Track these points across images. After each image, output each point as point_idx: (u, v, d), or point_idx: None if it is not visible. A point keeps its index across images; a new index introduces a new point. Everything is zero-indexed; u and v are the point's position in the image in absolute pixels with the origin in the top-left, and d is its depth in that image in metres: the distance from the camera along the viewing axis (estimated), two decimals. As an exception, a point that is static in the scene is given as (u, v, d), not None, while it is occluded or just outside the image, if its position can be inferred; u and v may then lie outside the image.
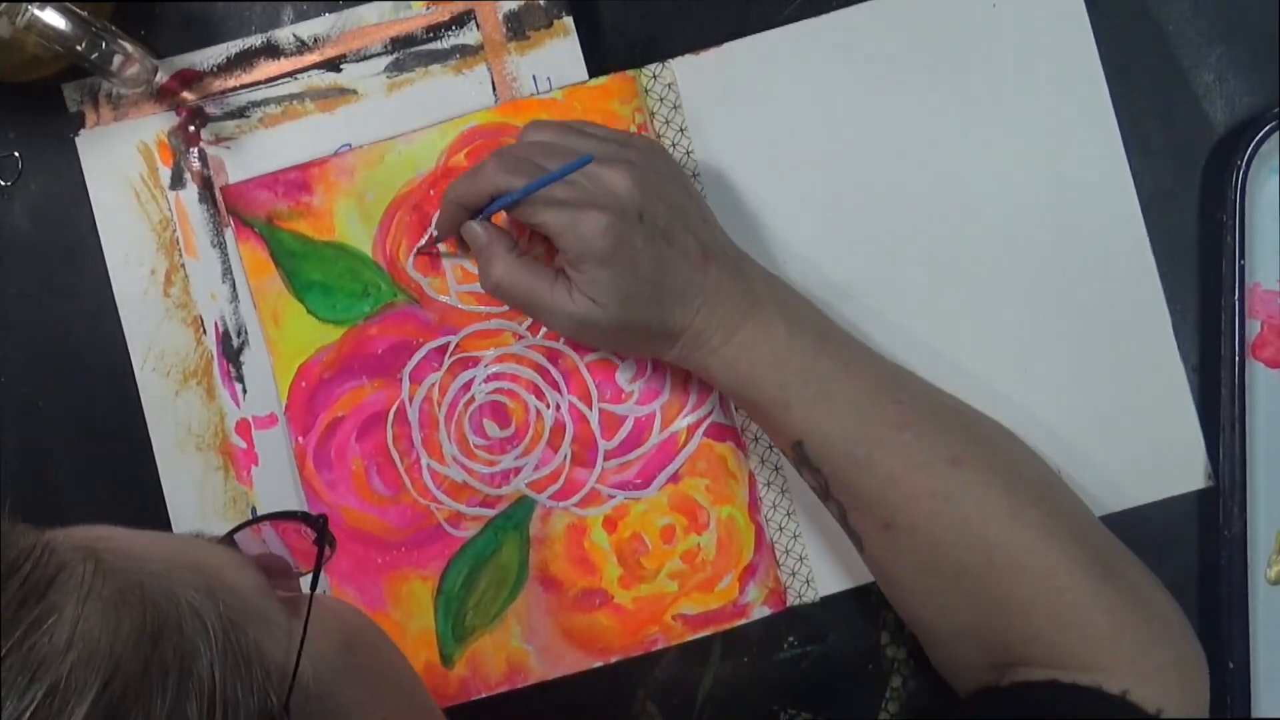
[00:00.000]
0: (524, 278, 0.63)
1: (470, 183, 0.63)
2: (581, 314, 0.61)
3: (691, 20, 0.71)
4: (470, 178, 0.63)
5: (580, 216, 0.59)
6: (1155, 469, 0.70)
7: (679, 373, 0.69)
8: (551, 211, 0.60)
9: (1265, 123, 0.68)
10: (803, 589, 0.69)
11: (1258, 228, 0.69)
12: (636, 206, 0.60)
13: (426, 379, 0.68)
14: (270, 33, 0.70)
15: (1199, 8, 0.71)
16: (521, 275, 0.63)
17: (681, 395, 0.69)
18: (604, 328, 0.62)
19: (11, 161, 0.70)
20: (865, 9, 0.71)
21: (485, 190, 0.62)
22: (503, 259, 0.63)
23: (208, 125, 0.70)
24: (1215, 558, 0.69)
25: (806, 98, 0.70)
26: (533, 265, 0.63)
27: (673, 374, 0.69)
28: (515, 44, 0.70)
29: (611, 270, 0.60)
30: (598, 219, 0.59)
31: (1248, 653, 0.68)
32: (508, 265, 0.63)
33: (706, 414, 0.69)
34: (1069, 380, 0.70)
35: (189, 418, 0.69)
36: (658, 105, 0.70)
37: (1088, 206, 0.70)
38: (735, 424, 0.69)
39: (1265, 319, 0.69)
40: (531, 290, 0.62)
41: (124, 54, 0.63)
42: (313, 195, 0.69)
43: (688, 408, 0.69)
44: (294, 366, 0.68)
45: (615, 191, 0.60)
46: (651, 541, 0.68)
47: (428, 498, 0.68)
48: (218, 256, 0.69)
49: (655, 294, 0.61)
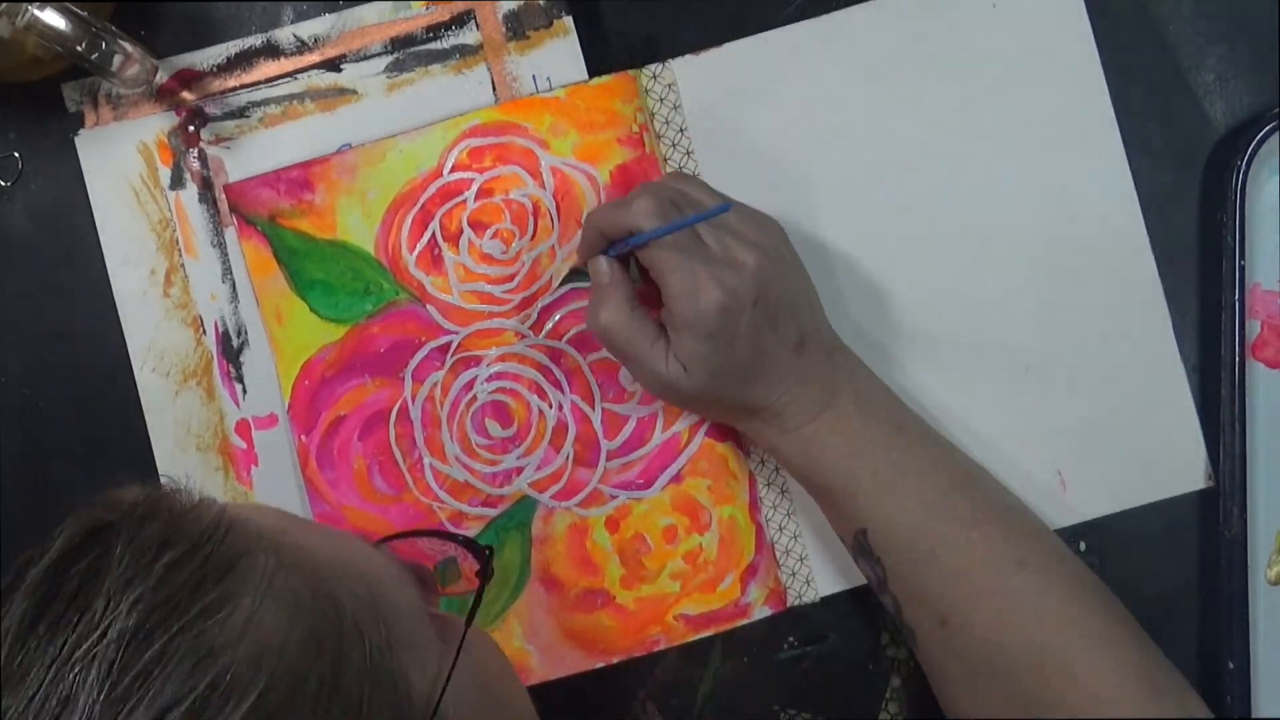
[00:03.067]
0: (630, 331, 0.63)
1: (615, 214, 0.63)
2: (670, 378, 0.62)
3: (691, 20, 0.71)
4: (616, 209, 0.63)
5: (701, 288, 0.60)
6: (1155, 469, 0.70)
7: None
8: (677, 274, 0.60)
9: (1265, 123, 0.68)
10: (803, 589, 0.69)
11: (1258, 228, 0.69)
12: (753, 292, 0.60)
13: (429, 378, 0.68)
14: (270, 33, 0.70)
15: (1199, 8, 0.71)
16: (629, 328, 0.63)
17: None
18: (686, 394, 0.62)
19: (11, 161, 0.70)
20: (865, 9, 0.71)
21: (628, 225, 0.62)
22: (618, 306, 0.63)
23: (207, 125, 0.70)
24: (1215, 558, 0.69)
25: (806, 98, 0.70)
26: (641, 320, 0.63)
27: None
28: (515, 44, 0.70)
29: (710, 345, 0.60)
30: (716, 297, 0.60)
31: (1248, 653, 0.68)
32: (620, 313, 0.63)
33: (708, 414, 0.69)
34: (1069, 380, 0.70)
35: (189, 418, 0.69)
36: (658, 105, 0.70)
37: (1088, 206, 0.70)
38: (736, 424, 0.69)
39: (1265, 319, 0.70)
40: (632, 343, 0.62)
41: (124, 54, 0.63)
42: (315, 193, 0.69)
43: (689, 407, 0.69)
44: (297, 365, 0.68)
45: (739, 271, 0.61)
46: (653, 541, 0.68)
47: (430, 497, 0.68)
48: (217, 257, 0.69)
49: (744, 374, 0.62)
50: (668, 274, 0.61)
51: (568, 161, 0.69)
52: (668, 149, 0.70)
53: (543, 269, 0.69)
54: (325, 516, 0.68)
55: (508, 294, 0.69)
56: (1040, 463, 0.69)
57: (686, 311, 0.60)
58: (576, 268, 0.68)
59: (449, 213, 0.69)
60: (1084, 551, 0.69)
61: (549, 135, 0.69)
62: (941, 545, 0.61)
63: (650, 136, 0.69)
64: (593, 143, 0.69)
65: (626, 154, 0.69)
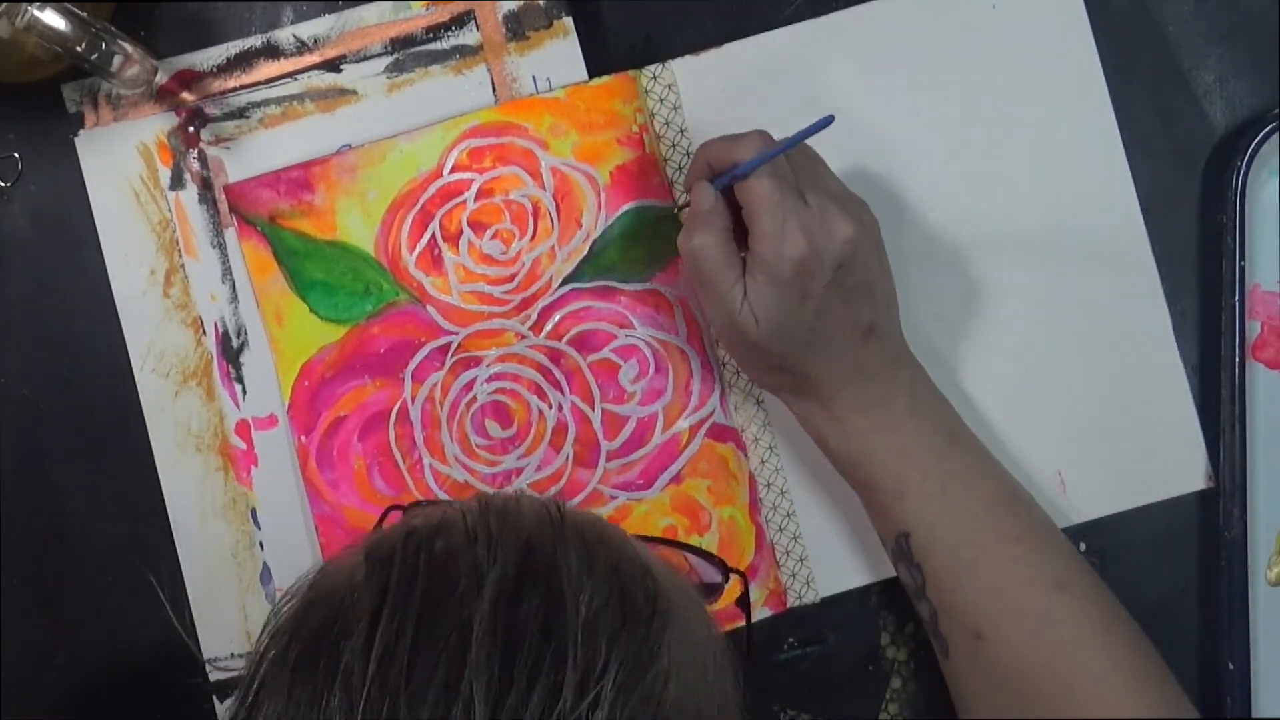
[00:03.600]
0: (719, 259, 0.61)
1: (725, 146, 0.62)
2: (740, 320, 0.61)
3: (691, 20, 0.71)
4: (728, 141, 0.62)
5: (789, 234, 0.59)
6: (1155, 470, 0.70)
7: (681, 374, 0.69)
8: (769, 214, 0.60)
9: (1265, 123, 0.68)
10: (803, 590, 0.69)
11: (1258, 228, 0.69)
12: (838, 258, 0.60)
13: (429, 378, 0.68)
14: (270, 33, 0.70)
15: (1199, 8, 0.71)
16: (719, 256, 0.61)
17: (683, 396, 0.69)
18: (747, 340, 0.62)
19: (11, 162, 0.70)
20: (865, 9, 0.71)
21: (736, 155, 0.61)
22: (714, 231, 0.62)
23: (207, 126, 0.70)
24: (1215, 559, 0.69)
25: (806, 98, 0.70)
26: (732, 254, 0.62)
27: (675, 375, 0.69)
28: (515, 44, 0.70)
29: (780, 294, 0.60)
30: (800, 247, 0.59)
31: (1248, 653, 0.68)
32: (715, 239, 0.61)
33: (708, 415, 0.69)
34: (1069, 380, 0.70)
35: (189, 419, 0.69)
36: (658, 106, 0.70)
37: (1088, 206, 0.70)
38: (736, 425, 0.69)
39: (1265, 319, 0.70)
40: (717, 272, 0.61)
41: (124, 54, 0.63)
42: (315, 194, 0.69)
43: (689, 408, 0.69)
44: (297, 365, 0.68)
45: (831, 234, 0.60)
46: (653, 542, 0.68)
47: (430, 498, 0.68)
48: (217, 257, 0.69)
49: (806, 337, 0.61)
50: (761, 211, 0.60)
51: (568, 162, 0.69)
52: (668, 149, 0.70)
53: (543, 269, 0.69)
54: (325, 517, 0.68)
55: (508, 294, 0.69)
56: (1040, 463, 0.69)
57: (768, 252, 0.59)
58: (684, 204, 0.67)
59: (449, 213, 0.69)
60: (1084, 551, 0.69)
61: (549, 136, 0.69)
62: (984, 557, 0.61)
63: (650, 137, 0.69)
64: (593, 143, 0.69)
65: (626, 154, 0.69)
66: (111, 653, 0.69)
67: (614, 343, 0.69)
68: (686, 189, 0.65)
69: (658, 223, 0.69)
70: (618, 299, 0.69)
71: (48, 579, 0.69)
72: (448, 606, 0.40)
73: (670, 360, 0.69)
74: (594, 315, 0.69)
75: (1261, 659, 0.68)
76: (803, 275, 0.60)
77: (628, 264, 0.69)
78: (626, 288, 0.69)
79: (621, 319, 0.69)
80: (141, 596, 0.68)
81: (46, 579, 0.69)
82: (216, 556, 0.68)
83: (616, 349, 0.69)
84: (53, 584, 0.69)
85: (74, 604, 0.68)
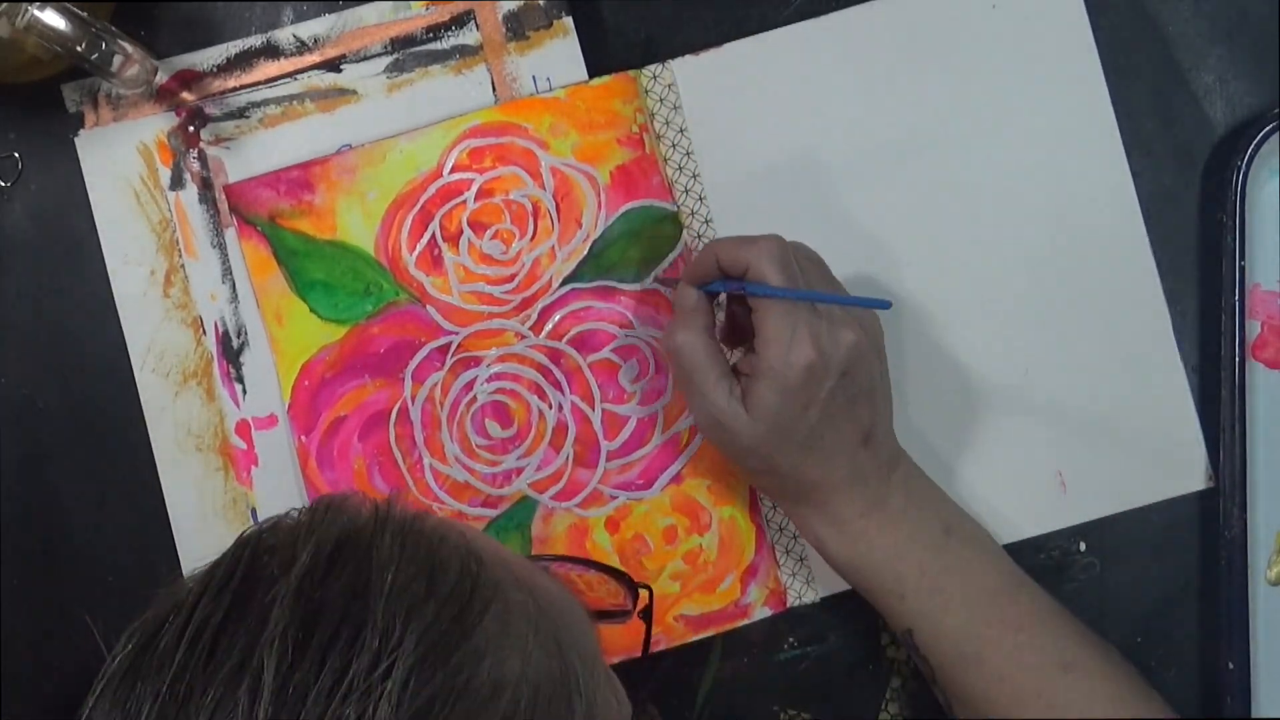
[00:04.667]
0: (702, 357, 0.62)
1: (738, 248, 0.62)
2: (727, 416, 0.61)
3: (691, 20, 0.71)
4: (740, 243, 0.62)
5: (798, 340, 0.59)
6: (1155, 470, 0.70)
7: (680, 373, 0.69)
8: (778, 321, 0.60)
9: (1265, 123, 0.68)
10: (803, 590, 0.69)
11: (1258, 228, 0.69)
12: (844, 366, 0.60)
13: (429, 378, 0.68)
14: (270, 33, 0.70)
15: (1199, 8, 0.71)
16: (701, 354, 0.62)
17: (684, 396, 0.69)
18: (739, 439, 0.61)
19: (11, 162, 0.70)
20: (865, 9, 0.71)
21: (746, 263, 0.61)
22: (697, 331, 0.62)
23: (207, 126, 0.70)
24: (1215, 559, 0.69)
25: (807, 98, 0.70)
26: (714, 352, 0.62)
27: (675, 375, 0.69)
28: (515, 44, 0.70)
29: (785, 400, 0.60)
30: (808, 354, 0.59)
31: (1248, 653, 0.68)
32: (697, 338, 0.62)
33: (708, 414, 0.69)
34: (1069, 381, 0.70)
35: (189, 419, 0.69)
36: (658, 106, 0.70)
37: (1088, 206, 0.70)
38: (736, 424, 0.69)
39: (1265, 319, 0.70)
40: (699, 370, 0.61)
41: (124, 54, 0.63)
42: (315, 194, 0.69)
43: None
44: (297, 365, 0.68)
45: (837, 340, 0.60)
46: (654, 542, 0.68)
47: (430, 497, 0.68)
48: (217, 257, 0.69)
49: (805, 441, 0.61)
50: (769, 317, 0.60)
51: (568, 162, 0.69)
52: (668, 149, 0.70)
53: (543, 269, 0.69)
54: (325, 517, 0.68)
55: (508, 294, 0.69)
56: (1040, 463, 0.69)
57: (775, 358, 0.59)
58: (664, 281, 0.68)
59: (449, 213, 0.69)
60: (1084, 551, 0.69)
61: (549, 136, 0.69)
62: (987, 647, 0.62)
63: (650, 137, 0.69)
64: (593, 143, 0.69)
65: (626, 154, 0.69)
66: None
67: (614, 343, 0.69)
68: (690, 282, 0.65)
69: (658, 223, 0.69)
70: (618, 299, 0.69)
71: (48, 579, 0.69)
72: (256, 590, 0.42)
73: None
74: (594, 315, 0.69)
75: (1261, 659, 0.68)
76: (809, 381, 0.60)
77: (628, 264, 0.69)
78: (626, 288, 0.69)
79: (621, 319, 0.69)
80: (142, 596, 0.68)
81: (46, 579, 0.69)
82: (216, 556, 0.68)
83: (616, 349, 0.69)
84: (53, 584, 0.69)
85: (74, 604, 0.68)
